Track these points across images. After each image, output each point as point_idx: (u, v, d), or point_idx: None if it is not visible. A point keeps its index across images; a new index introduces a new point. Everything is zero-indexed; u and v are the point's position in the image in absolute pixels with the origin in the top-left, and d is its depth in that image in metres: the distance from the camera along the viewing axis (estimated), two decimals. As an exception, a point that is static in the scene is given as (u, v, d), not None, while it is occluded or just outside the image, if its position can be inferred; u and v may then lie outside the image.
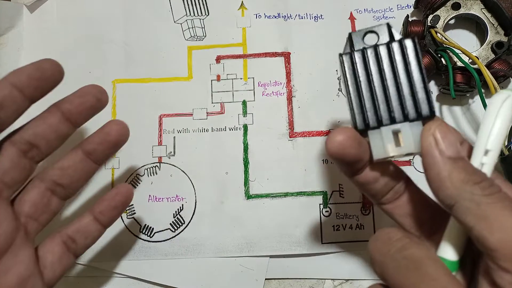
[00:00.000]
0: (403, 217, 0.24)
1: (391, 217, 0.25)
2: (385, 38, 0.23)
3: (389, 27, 0.22)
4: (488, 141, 0.21)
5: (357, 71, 0.22)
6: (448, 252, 0.20)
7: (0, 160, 0.25)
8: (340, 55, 0.23)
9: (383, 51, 0.22)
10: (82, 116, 0.27)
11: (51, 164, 0.27)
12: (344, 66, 0.23)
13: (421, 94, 0.21)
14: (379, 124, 0.22)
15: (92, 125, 0.28)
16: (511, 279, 0.17)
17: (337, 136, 0.21)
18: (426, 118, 0.21)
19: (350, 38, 0.23)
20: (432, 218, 0.23)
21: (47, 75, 0.25)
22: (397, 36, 0.22)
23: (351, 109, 0.22)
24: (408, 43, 0.22)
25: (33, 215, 0.26)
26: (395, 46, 0.22)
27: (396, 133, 0.22)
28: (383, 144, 0.22)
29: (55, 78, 0.25)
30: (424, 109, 0.21)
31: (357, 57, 0.23)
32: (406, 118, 0.21)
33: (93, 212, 0.28)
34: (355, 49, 0.23)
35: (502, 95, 0.21)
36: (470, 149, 0.22)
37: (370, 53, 0.22)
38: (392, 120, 0.22)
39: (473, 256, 0.21)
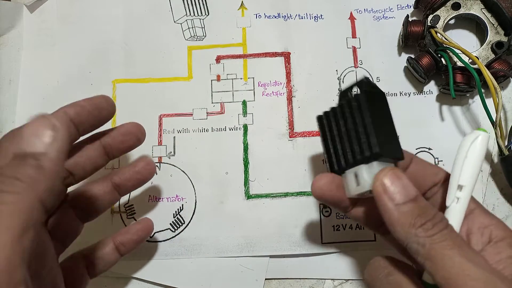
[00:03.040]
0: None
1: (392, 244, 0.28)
2: (362, 89, 0.25)
3: (366, 81, 0.26)
4: (460, 178, 0.23)
5: (326, 128, 0.27)
6: (429, 277, 0.22)
7: None
8: (316, 117, 0.28)
9: (344, 107, 0.26)
10: (119, 152, 0.28)
11: (80, 189, 0.28)
12: (318, 125, 0.28)
13: (363, 139, 0.24)
14: (342, 169, 0.26)
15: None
16: None
17: (318, 181, 0.26)
18: (371, 158, 0.24)
19: (340, 96, 0.27)
20: None
21: (103, 115, 0.26)
22: (368, 88, 0.25)
23: (324, 158, 0.27)
24: (360, 96, 0.25)
25: (61, 239, 0.27)
26: (350, 101, 0.25)
27: (356, 175, 0.25)
28: (348, 185, 0.25)
29: (109, 117, 0.26)
30: (366, 151, 0.24)
31: (327, 116, 0.27)
32: (357, 161, 0.25)
33: (114, 241, 0.29)
34: (338, 103, 0.26)
35: (472, 135, 0.23)
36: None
37: (337, 111, 0.26)
38: (349, 165, 0.25)
39: None
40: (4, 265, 0.16)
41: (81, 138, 0.27)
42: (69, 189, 0.28)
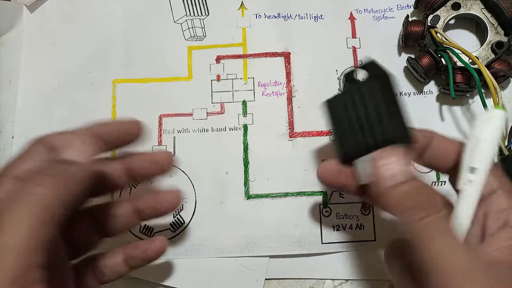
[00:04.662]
0: None
1: None
2: (371, 74, 0.25)
3: (373, 64, 0.25)
4: (472, 160, 0.22)
5: (337, 114, 0.26)
6: None
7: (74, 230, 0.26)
8: (324, 102, 0.27)
9: (353, 93, 0.25)
10: (142, 178, 0.28)
11: (101, 205, 0.28)
12: (326, 112, 0.27)
13: (376, 125, 0.24)
14: (356, 156, 0.25)
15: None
16: None
17: (319, 169, 0.27)
18: (384, 144, 0.24)
19: (345, 78, 0.27)
20: None
21: (130, 139, 0.27)
22: (377, 72, 0.25)
23: (335, 146, 0.27)
24: (370, 82, 0.25)
25: (75, 247, 0.27)
26: (365, 86, 0.25)
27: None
28: (360, 172, 0.25)
29: (135, 141, 0.27)
30: (378, 137, 0.24)
31: (334, 102, 0.27)
32: (370, 148, 0.24)
33: (125, 253, 0.29)
34: (344, 89, 0.26)
35: (486, 114, 0.22)
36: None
37: (344, 97, 0.26)
38: (361, 152, 0.25)
39: None
40: (23, 247, 0.18)
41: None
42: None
